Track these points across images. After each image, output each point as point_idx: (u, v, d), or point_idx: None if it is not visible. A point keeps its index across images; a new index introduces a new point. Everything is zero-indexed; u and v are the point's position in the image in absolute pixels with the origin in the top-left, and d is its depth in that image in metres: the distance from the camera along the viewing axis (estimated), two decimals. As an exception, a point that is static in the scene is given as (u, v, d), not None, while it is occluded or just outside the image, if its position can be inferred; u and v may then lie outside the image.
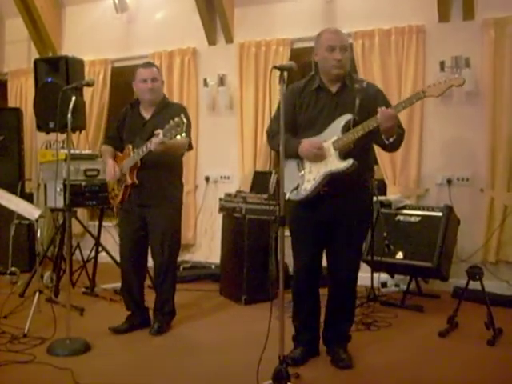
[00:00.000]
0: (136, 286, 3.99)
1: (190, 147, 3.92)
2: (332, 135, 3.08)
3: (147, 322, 3.98)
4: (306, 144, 3.12)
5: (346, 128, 3.05)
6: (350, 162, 3.01)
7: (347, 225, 3.20)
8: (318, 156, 3.09)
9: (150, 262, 4.11)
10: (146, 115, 3.91)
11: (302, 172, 3.19)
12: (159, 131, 3.46)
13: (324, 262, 3.36)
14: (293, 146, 3.14)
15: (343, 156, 3.04)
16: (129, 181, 3.81)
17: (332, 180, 3.08)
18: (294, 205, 3.24)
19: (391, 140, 3.04)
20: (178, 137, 3.42)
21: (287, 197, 3.13)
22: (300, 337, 3.41)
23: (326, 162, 3.09)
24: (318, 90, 3.24)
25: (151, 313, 4.02)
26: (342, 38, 3.19)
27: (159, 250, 3.89)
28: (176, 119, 3.39)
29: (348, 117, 3.06)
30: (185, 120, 3.41)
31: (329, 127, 3.12)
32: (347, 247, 3.24)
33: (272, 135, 3.32)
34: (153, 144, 3.53)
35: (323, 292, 3.39)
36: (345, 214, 3.18)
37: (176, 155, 3.87)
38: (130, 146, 3.83)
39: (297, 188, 3.18)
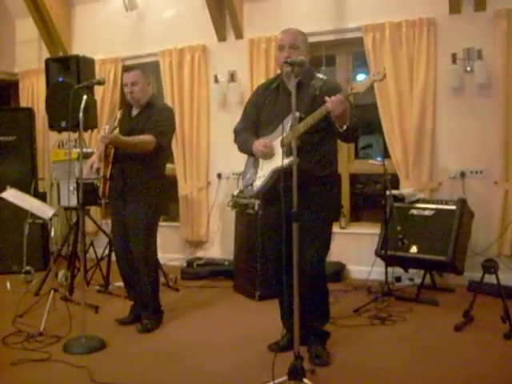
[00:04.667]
0: (130, 273, 4.03)
1: (159, 146, 3.89)
2: (281, 133, 3.12)
3: None
4: (256, 143, 3.25)
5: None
6: (291, 158, 2.98)
7: (304, 218, 3.07)
8: (266, 154, 3.20)
9: (163, 259, 4.12)
10: (134, 113, 4.04)
11: (256, 169, 3.31)
12: (106, 127, 3.92)
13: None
14: (248, 145, 3.30)
15: (290, 153, 3.00)
16: (103, 173, 3.95)
17: (286, 176, 3.00)
18: (262, 200, 3.43)
19: (345, 127, 3.01)
20: (116, 131, 3.72)
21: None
22: (284, 321, 3.44)
23: (274, 159, 3.19)
24: (277, 89, 3.32)
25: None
26: (293, 36, 3.23)
27: (133, 247, 3.93)
28: (118, 115, 3.85)
29: (295, 115, 3.02)
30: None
31: (280, 125, 3.14)
32: (307, 241, 3.16)
33: (236, 134, 3.50)
34: (99, 137, 3.83)
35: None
36: (301, 207, 3.01)
37: (140, 152, 3.85)
38: None
39: (251, 184, 3.31)
